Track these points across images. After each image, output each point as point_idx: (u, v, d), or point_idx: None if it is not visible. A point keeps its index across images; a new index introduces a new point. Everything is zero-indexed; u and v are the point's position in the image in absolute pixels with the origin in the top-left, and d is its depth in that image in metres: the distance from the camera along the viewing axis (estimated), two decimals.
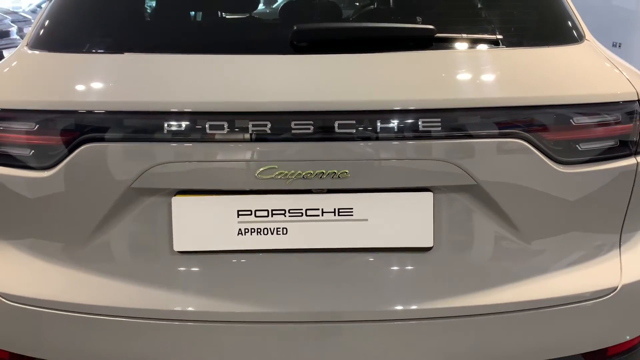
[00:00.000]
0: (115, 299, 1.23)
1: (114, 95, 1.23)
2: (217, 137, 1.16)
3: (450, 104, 1.17)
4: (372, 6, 2.17)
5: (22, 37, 10.61)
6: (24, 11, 15.80)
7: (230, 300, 1.21)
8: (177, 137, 1.16)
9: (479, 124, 1.17)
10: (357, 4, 2.66)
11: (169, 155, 1.16)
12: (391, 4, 1.70)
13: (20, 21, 12.73)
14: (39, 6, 17.31)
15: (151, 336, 1.23)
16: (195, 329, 1.21)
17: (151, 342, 1.23)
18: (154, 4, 1.61)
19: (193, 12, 1.75)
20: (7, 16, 10.63)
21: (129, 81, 1.27)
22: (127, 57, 1.32)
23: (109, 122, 1.18)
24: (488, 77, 1.31)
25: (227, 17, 1.77)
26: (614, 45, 9.37)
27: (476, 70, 1.31)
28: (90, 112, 1.19)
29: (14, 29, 10.01)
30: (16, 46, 8.74)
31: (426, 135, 1.16)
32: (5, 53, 9.57)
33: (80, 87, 1.29)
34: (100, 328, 1.24)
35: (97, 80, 1.30)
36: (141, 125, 1.18)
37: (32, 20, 14.08)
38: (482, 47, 1.37)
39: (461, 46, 1.35)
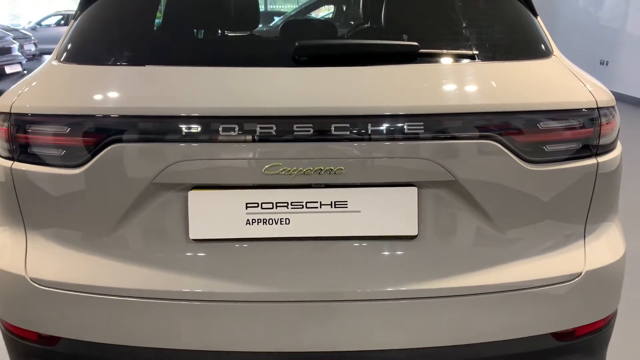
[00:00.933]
0: (137, 282, 1.36)
1: (137, 102, 1.36)
2: (228, 138, 1.29)
3: (431, 110, 1.32)
4: (364, 25, 2.35)
5: (23, 53, 10.77)
6: (24, 28, 15.98)
7: (240, 283, 1.35)
8: (193, 138, 1.30)
9: (457, 128, 1.32)
10: (352, 23, 2.85)
11: (187, 154, 1.30)
12: (382, 23, 1.86)
13: (21, 38, 12.88)
14: (39, 23, 17.51)
15: (168, 315, 1.36)
16: (209, 307, 1.35)
17: (168, 320, 1.37)
18: (170, 23, 1.78)
19: (205, 30, 1.91)
20: (9, 33, 10.79)
21: (150, 90, 1.40)
22: (148, 68, 1.47)
23: (133, 125, 1.31)
24: (465, 87, 1.45)
25: (236, 34, 1.94)
26: (602, 63, 9.62)
27: (455, 81, 1.45)
28: (115, 116, 1.32)
29: (15, 45, 10.15)
30: (18, 62, 8.86)
31: (411, 137, 1.30)
32: (7, 69, 9.71)
33: (105, 95, 1.43)
34: (122, 308, 1.37)
35: (121, 89, 1.44)
36: (162, 128, 1.31)
37: (32, 37, 14.26)
38: (461, 60, 1.51)
39: (441, 60, 1.49)
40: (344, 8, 6.01)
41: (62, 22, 17.68)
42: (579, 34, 10.49)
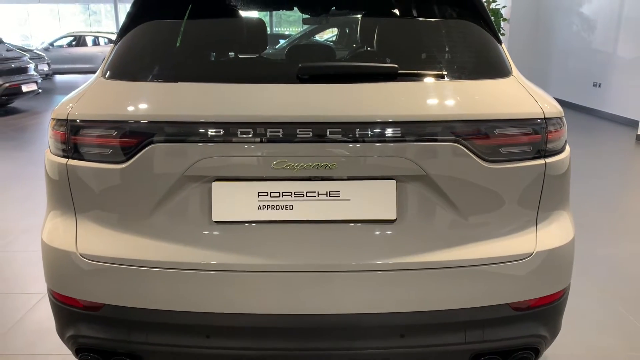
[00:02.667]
0: (169, 256, 1.66)
1: (171, 110, 1.66)
2: (244, 140, 1.59)
3: (407, 118, 1.61)
4: (361, 49, 2.69)
5: (37, 72, 11.19)
6: (36, 49, 16.47)
7: (253, 256, 1.65)
8: (216, 140, 1.60)
9: (428, 133, 1.62)
10: (354, 45, 3.19)
11: (211, 153, 1.60)
12: (374, 47, 2.19)
13: (35, 58, 13.39)
14: (51, 44, 18.03)
15: (194, 282, 1.65)
16: (227, 276, 1.65)
17: (194, 287, 1.66)
18: (194, 47, 2.11)
19: (224, 53, 2.25)
20: (26, 54, 11.24)
21: (181, 101, 1.70)
22: (179, 84, 1.79)
23: (167, 129, 1.62)
24: (436, 100, 1.73)
25: (249, 56, 2.27)
26: (595, 85, 9.95)
27: (427, 96, 1.74)
28: (153, 122, 1.63)
29: (32, 65, 10.58)
30: (34, 81, 9.30)
31: (391, 140, 1.60)
32: (24, 88, 10.12)
33: (144, 105, 1.73)
34: (156, 278, 1.66)
35: (157, 100, 1.73)
36: (190, 132, 1.61)
37: (46, 58, 14.72)
38: (433, 79, 1.80)
39: (417, 78, 1.78)
40: (347, 30, 6.42)
41: (74, 43, 18.20)
42: (573, 58, 10.85)
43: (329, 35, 7.88)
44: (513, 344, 1.78)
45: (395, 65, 1.77)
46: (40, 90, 10.92)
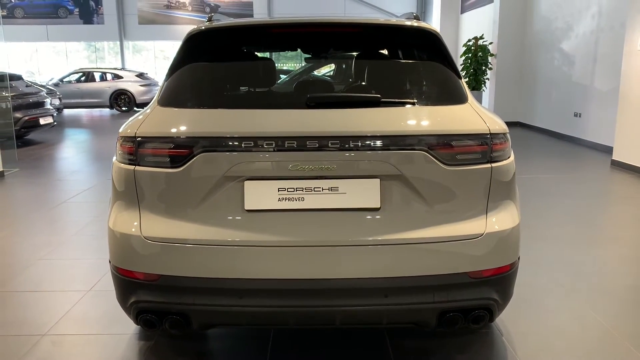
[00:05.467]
0: (212, 236, 2.20)
1: (214, 129, 2.22)
2: (268, 149, 2.17)
3: (387, 133, 2.18)
4: (353, 83, 3.31)
5: (52, 106, 11.85)
6: (47, 84, 17.18)
7: (274, 236, 2.19)
8: (247, 150, 2.17)
9: (403, 143, 2.18)
10: (350, 79, 3.85)
11: (244, 159, 2.17)
12: (365, 81, 2.80)
13: (48, 93, 14.09)
14: (61, 80, 18.78)
15: (230, 256, 2.20)
16: (255, 250, 2.19)
17: (231, 259, 2.20)
18: (230, 82, 2.73)
19: (252, 86, 2.87)
20: (42, 89, 11.93)
21: (221, 122, 2.26)
22: (218, 110, 2.36)
23: (212, 143, 2.18)
24: (409, 120, 2.27)
25: (270, 88, 2.88)
26: (575, 115, 10.63)
27: (403, 117, 2.30)
28: (201, 137, 2.20)
29: (48, 100, 11.25)
30: (50, 114, 9.98)
31: (375, 149, 2.17)
32: (41, 120, 10.75)
33: (192, 125, 2.28)
34: (202, 253, 2.20)
35: (202, 122, 2.29)
36: (229, 144, 2.18)
37: (58, 93, 15.43)
38: (407, 105, 2.34)
39: (394, 104, 2.34)
40: (344, 67, 7.10)
41: (83, 78, 18.97)
42: (556, 90, 11.55)
43: (326, 70, 8.59)
44: (471, 305, 2.31)
45: (378, 95, 2.38)
46: (55, 123, 11.59)
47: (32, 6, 25.35)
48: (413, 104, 2.39)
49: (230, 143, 2.21)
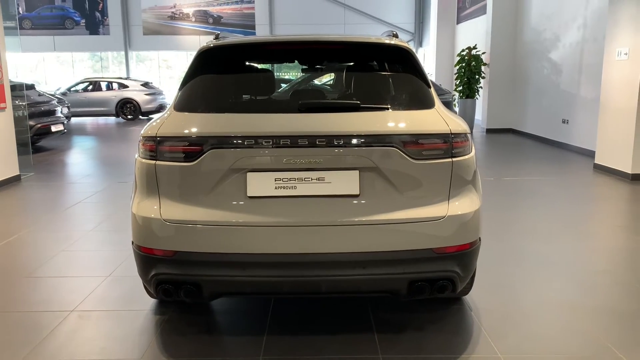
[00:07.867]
0: (220, 218, 2.65)
1: (222, 129, 2.67)
2: (266, 146, 2.63)
3: (365, 132, 2.62)
4: (343, 92, 3.80)
5: (62, 114, 12.34)
6: (55, 94, 17.69)
7: (272, 217, 2.64)
8: (249, 146, 2.63)
9: (377, 141, 2.64)
10: (338, 91, 4.34)
11: (247, 154, 2.63)
12: (352, 90, 3.27)
13: (58, 102, 14.59)
14: (69, 89, 19.29)
15: (236, 233, 2.64)
16: (256, 229, 2.64)
17: (235, 237, 2.66)
18: (236, 90, 3.21)
19: (254, 94, 3.35)
20: (54, 98, 12.44)
21: (227, 124, 2.72)
22: (225, 114, 2.84)
23: (220, 140, 2.64)
24: (383, 122, 2.75)
25: (269, 96, 3.37)
26: (564, 121, 11.11)
27: (378, 120, 2.74)
28: (211, 136, 2.66)
29: (59, 108, 11.76)
30: (61, 122, 10.52)
31: (355, 145, 2.63)
32: (53, 128, 11.24)
33: (204, 127, 2.74)
34: (212, 232, 2.64)
35: (212, 124, 2.74)
36: (234, 142, 2.64)
37: (66, 102, 15.93)
38: (382, 110, 2.81)
39: (372, 109, 2.80)
40: (338, 76, 7.62)
41: (90, 87, 19.50)
42: (545, 98, 12.03)
43: (327, 79, 9.12)
44: (436, 276, 2.75)
45: (358, 102, 2.85)
46: (65, 131, 12.10)
47: (39, 17, 26.00)
48: (388, 108, 2.86)
49: (235, 141, 2.67)
